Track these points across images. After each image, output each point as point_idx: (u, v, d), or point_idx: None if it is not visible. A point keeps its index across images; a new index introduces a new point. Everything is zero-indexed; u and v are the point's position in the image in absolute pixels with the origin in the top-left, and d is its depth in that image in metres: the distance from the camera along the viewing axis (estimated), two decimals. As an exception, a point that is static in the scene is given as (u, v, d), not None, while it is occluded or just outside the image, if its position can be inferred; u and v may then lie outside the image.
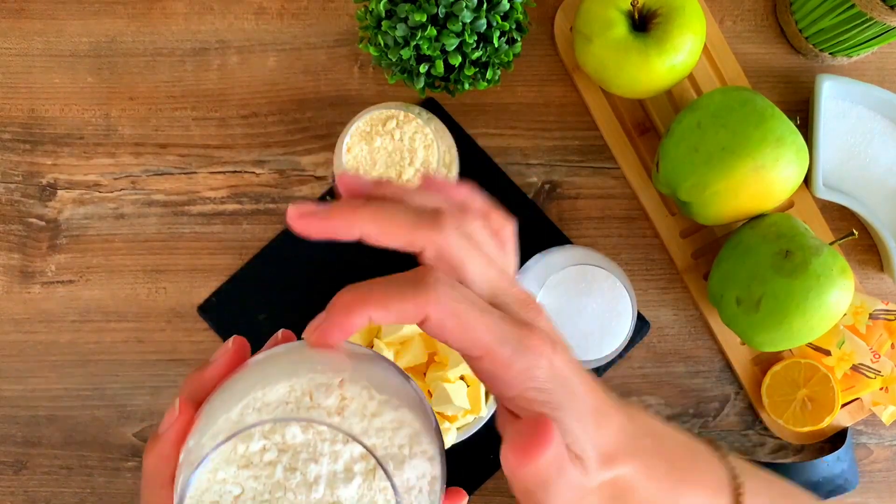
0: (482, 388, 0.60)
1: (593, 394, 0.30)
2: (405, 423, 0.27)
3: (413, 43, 0.55)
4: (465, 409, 0.59)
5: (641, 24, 0.57)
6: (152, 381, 0.66)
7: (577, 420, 0.29)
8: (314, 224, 0.28)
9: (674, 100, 0.65)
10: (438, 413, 0.60)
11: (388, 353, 0.59)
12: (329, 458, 0.26)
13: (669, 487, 0.33)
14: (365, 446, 0.25)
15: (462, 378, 0.60)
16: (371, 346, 0.59)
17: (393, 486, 0.25)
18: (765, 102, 0.56)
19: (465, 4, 0.54)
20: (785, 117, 0.56)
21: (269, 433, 0.26)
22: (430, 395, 0.59)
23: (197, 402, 0.29)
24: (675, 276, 0.66)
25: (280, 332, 0.32)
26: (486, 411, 0.60)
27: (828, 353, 0.64)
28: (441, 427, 0.59)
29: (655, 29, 0.56)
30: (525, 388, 0.28)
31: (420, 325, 0.28)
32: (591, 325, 0.56)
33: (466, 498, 0.31)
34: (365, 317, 0.27)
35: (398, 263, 0.68)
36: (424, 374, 0.60)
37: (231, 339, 0.31)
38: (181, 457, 0.27)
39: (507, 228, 0.32)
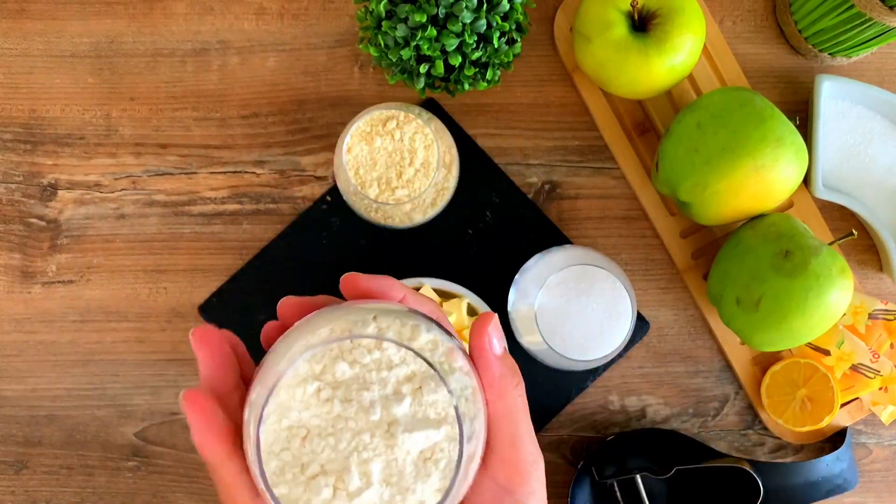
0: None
1: None
2: (440, 343, 0.29)
3: (413, 43, 0.55)
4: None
5: (641, 24, 0.57)
6: (153, 381, 0.66)
7: None
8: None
9: (673, 100, 0.65)
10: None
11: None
12: (378, 384, 0.28)
13: None
14: (419, 354, 0.28)
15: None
16: None
17: (448, 389, 0.28)
18: (764, 103, 0.56)
19: (465, 5, 0.54)
20: (784, 117, 0.56)
21: (321, 374, 0.28)
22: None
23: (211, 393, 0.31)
24: (675, 276, 0.66)
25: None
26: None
27: (827, 352, 0.64)
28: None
29: (655, 29, 0.56)
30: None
31: None
32: (591, 324, 0.56)
33: (495, 316, 0.33)
34: (401, 294, 0.32)
35: (397, 266, 0.68)
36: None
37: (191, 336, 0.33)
38: (245, 414, 0.29)
39: None
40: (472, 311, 0.61)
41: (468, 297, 0.61)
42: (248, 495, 0.30)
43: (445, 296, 0.61)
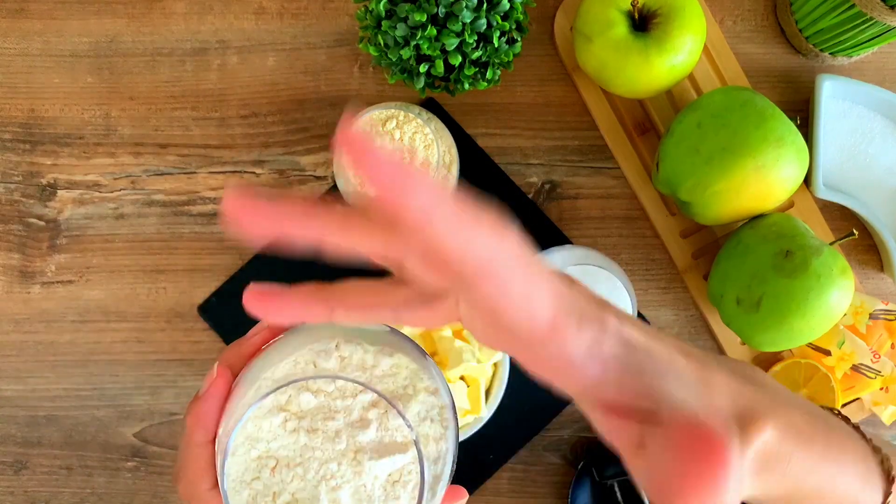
0: (482, 389, 0.60)
1: (683, 354, 0.27)
2: (403, 367, 0.30)
3: (413, 43, 0.55)
4: (465, 409, 0.59)
5: (641, 23, 0.57)
6: (152, 381, 0.66)
7: (684, 388, 0.26)
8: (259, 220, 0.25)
9: (674, 100, 0.65)
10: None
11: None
12: (343, 413, 0.29)
13: (819, 456, 0.29)
14: (375, 391, 0.28)
15: (462, 378, 0.60)
16: None
17: (405, 421, 0.28)
18: (765, 102, 0.56)
19: (465, 4, 0.54)
20: (785, 117, 0.56)
21: (287, 405, 0.29)
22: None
23: (233, 370, 0.31)
24: (676, 276, 0.66)
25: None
26: (485, 411, 0.60)
27: (828, 353, 0.64)
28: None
29: (655, 29, 0.56)
30: (604, 371, 0.26)
31: (471, 294, 0.25)
32: (591, 325, 0.56)
33: (466, 496, 0.32)
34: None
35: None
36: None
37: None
38: (216, 447, 0.30)
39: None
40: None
41: (468, 298, 0.60)
42: (210, 484, 0.30)
43: (445, 296, 0.61)
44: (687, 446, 0.24)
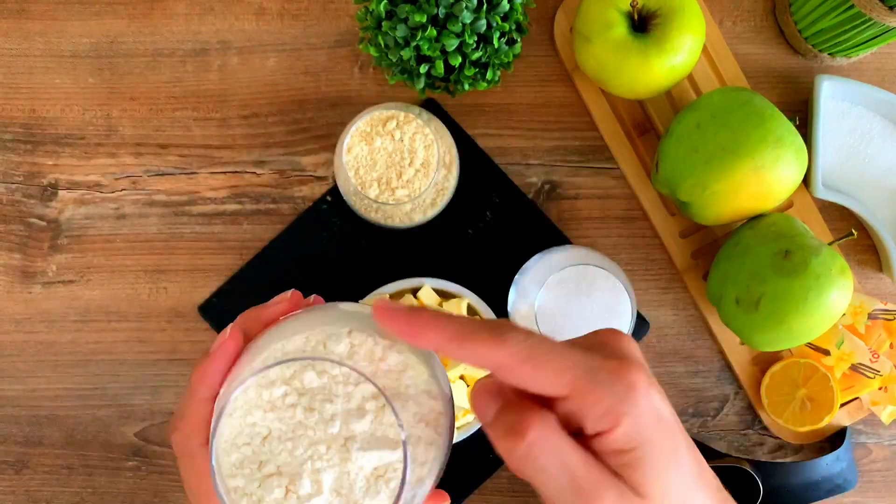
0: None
1: (691, 449, 0.29)
2: (409, 366, 0.30)
3: (413, 43, 0.55)
4: (464, 409, 0.59)
5: (641, 24, 0.57)
6: (153, 381, 0.66)
7: (675, 472, 0.28)
8: (396, 322, 0.29)
9: (673, 100, 0.65)
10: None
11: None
12: (343, 398, 0.29)
13: None
14: (375, 385, 0.28)
15: (462, 378, 0.60)
16: None
17: (398, 420, 0.28)
18: (764, 103, 0.56)
19: (465, 5, 0.54)
20: (784, 118, 0.56)
21: (290, 379, 0.29)
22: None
23: (248, 334, 0.32)
24: (675, 275, 0.66)
25: (290, 293, 0.35)
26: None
27: (827, 352, 0.64)
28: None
29: (655, 29, 0.56)
30: (618, 430, 0.27)
31: (497, 373, 0.28)
32: (590, 325, 0.56)
33: (448, 501, 0.33)
34: (433, 343, 0.29)
35: (397, 266, 0.68)
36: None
37: (290, 291, 0.34)
38: (215, 406, 0.30)
39: None
40: (471, 311, 0.62)
41: (468, 297, 0.61)
42: (203, 439, 0.31)
43: (445, 296, 0.61)
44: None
